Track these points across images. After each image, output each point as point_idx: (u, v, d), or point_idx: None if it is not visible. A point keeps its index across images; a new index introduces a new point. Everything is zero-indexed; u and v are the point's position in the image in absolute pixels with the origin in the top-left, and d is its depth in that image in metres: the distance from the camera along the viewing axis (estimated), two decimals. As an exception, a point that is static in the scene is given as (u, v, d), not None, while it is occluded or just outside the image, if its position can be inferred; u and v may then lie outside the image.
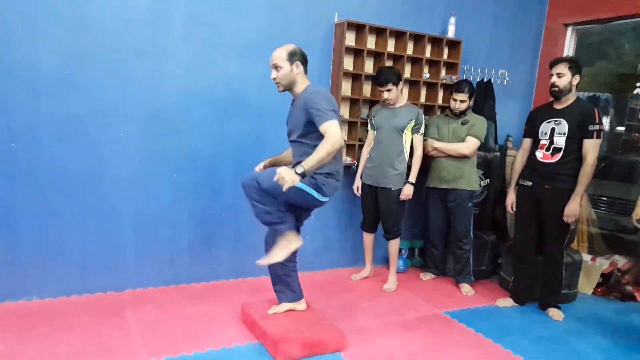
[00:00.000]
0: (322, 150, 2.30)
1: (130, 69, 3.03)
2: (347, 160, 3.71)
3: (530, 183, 3.25)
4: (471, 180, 3.63)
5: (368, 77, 3.69)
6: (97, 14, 2.90)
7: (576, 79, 3.08)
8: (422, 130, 3.47)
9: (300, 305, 2.85)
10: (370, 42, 3.74)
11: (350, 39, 3.65)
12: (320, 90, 2.54)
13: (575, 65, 3.07)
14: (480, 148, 3.87)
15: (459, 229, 3.66)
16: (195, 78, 3.22)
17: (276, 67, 2.56)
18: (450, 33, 3.97)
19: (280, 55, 2.55)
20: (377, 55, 3.76)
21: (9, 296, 2.92)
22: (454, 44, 4.02)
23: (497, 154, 4.07)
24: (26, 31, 2.75)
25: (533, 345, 2.87)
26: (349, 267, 3.95)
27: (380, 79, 3.34)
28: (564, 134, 3.08)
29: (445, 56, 4.03)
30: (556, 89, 3.09)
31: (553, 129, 3.14)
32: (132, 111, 3.08)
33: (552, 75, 3.11)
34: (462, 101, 3.53)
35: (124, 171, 3.11)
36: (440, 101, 4.08)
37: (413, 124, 3.41)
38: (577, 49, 4.52)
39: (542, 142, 3.19)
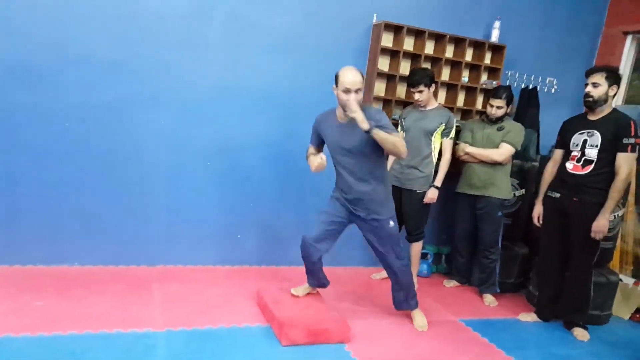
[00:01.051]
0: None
1: (172, 60, 3.25)
2: (377, 159, 3.74)
3: (557, 195, 3.14)
4: (502, 188, 3.54)
5: (403, 78, 3.71)
6: (145, 9, 3.15)
7: (613, 90, 2.93)
8: (452, 134, 3.44)
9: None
10: (408, 44, 3.76)
11: (387, 40, 3.68)
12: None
13: (613, 75, 2.93)
14: (518, 157, 3.77)
15: (487, 237, 3.58)
16: (230, 72, 3.40)
17: (357, 91, 2.54)
18: (494, 37, 3.89)
19: (361, 79, 2.56)
20: (414, 57, 3.77)
21: (53, 261, 3.23)
22: (497, 49, 3.94)
23: (535, 164, 3.92)
24: (82, 23, 3.03)
25: (547, 361, 2.78)
26: (371, 266, 3.97)
27: (412, 79, 3.35)
28: (596, 146, 2.95)
29: (487, 61, 3.96)
30: (590, 99, 2.97)
31: (585, 141, 3.01)
32: (172, 100, 3.30)
33: (587, 84, 2.98)
34: (498, 107, 3.46)
35: (161, 154, 3.34)
36: (479, 106, 4.01)
37: (443, 127, 3.39)
38: (637, 58, 4.25)
39: (573, 153, 3.07)
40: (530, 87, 4.08)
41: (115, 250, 3.36)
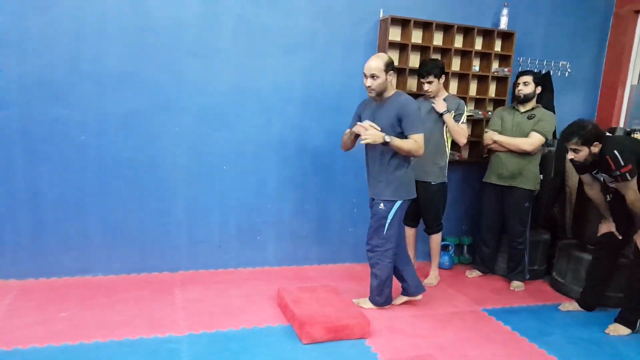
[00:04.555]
0: (407, 145, 2.75)
1: (184, 67, 3.30)
2: (390, 154, 3.74)
3: None
4: (531, 179, 3.47)
5: (413, 71, 3.70)
6: (156, 18, 3.20)
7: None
8: (464, 119, 3.38)
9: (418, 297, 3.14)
10: (417, 37, 3.74)
11: (395, 34, 3.67)
12: (412, 100, 2.85)
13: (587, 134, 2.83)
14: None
15: (514, 228, 3.53)
16: (242, 75, 3.43)
17: (373, 76, 2.78)
18: (503, 24, 3.85)
19: (378, 66, 2.77)
20: (423, 49, 3.75)
21: (78, 272, 3.31)
22: (506, 36, 3.89)
23: (552, 148, 3.86)
24: (95, 36, 3.11)
25: (572, 345, 2.73)
26: (391, 261, 3.96)
27: (422, 70, 3.33)
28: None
29: (497, 48, 3.91)
30: (577, 163, 3.00)
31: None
32: (186, 106, 3.35)
33: (568, 149, 2.93)
34: (525, 83, 3.42)
35: (178, 160, 3.40)
36: (492, 94, 3.96)
37: (453, 114, 3.35)
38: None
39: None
40: (544, 72, 4.02)
41: (137, 258, 3.42)
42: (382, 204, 2.89)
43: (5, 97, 3.01)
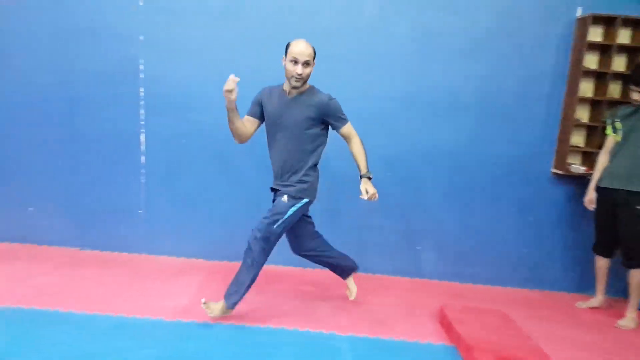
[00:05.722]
0: (361, 148, 2.68)
1: (354, 72, 3.34)
2: (582, 169, 3.28)
3: None
4: None
5: (617, 75, 3.21)
6: (325, 26, 3.29)
7: None
8: None
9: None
10: (624, 36, 3.23)
11: (595, 34, 3.22)
12: (327, 94, 2.63)
13: None
14: None
15: None
16: (413, 81, 3.35)
17: (307, 63, 2.49)
18: None
19: (311, 52, 2.49)
20: (630, 51, 3.22)
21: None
22: None
23: None
24: (272, 45, 3.20)
25: None
26: (573, 292, 3.47)
27: (638, 77, 2.83)
28: None
29: None
30: None
31: None
32: (354, 111, 3.30)
33: None
34: None
35: (345, 165, 3.39)
36: None
37: None
38: None
39: None
40: None
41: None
42: (285, 196, 2.67)
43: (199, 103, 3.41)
